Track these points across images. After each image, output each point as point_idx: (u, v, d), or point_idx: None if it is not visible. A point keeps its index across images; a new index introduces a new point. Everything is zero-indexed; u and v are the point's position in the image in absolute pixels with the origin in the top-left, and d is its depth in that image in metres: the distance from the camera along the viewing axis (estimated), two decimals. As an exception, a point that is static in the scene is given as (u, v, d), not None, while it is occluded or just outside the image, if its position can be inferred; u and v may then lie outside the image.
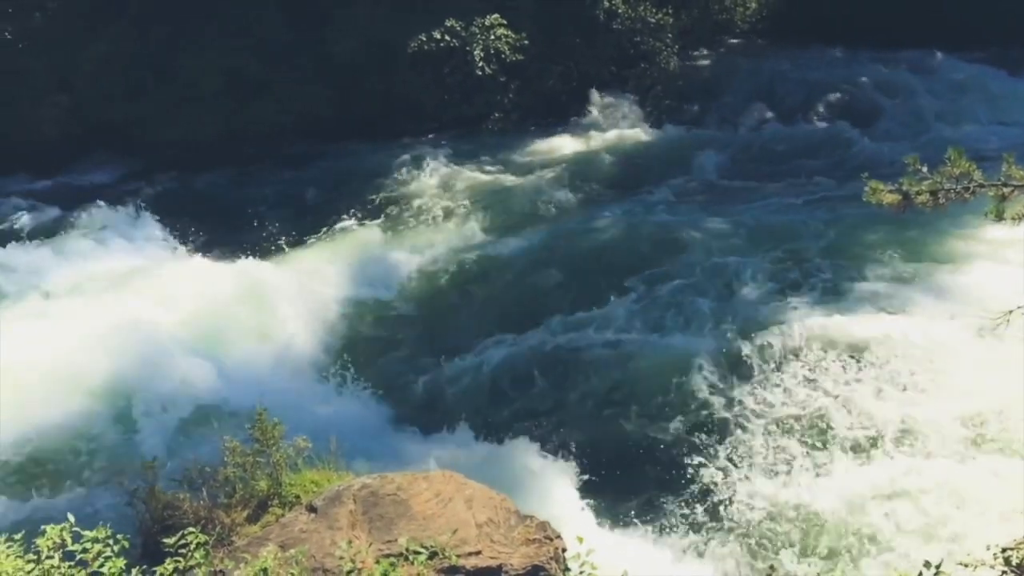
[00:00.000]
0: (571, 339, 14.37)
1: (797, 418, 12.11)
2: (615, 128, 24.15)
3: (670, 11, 26.30)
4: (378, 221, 19.50)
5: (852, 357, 13.10)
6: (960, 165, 6.00)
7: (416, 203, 20.11)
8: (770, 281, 15.49)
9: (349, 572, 5.39)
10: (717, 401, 12.58)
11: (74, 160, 22.73)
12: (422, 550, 5.63)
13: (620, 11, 25.58)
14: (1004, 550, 5.81)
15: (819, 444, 11.63)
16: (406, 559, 5.63)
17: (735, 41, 30.46)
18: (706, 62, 28.76)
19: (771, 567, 7.59)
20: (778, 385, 12.75)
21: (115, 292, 15.39)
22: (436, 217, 19.44)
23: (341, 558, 5.64)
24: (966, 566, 5.88)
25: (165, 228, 18.67)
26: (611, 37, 25.61)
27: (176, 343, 13.43)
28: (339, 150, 22.98)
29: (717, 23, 29.58)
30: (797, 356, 13.21)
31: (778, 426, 12.04)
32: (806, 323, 13.75)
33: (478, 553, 7.04)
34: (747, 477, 11.20)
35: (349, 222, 19.40)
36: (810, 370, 12.98)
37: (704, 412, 12.43)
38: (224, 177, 21.95)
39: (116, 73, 23.17)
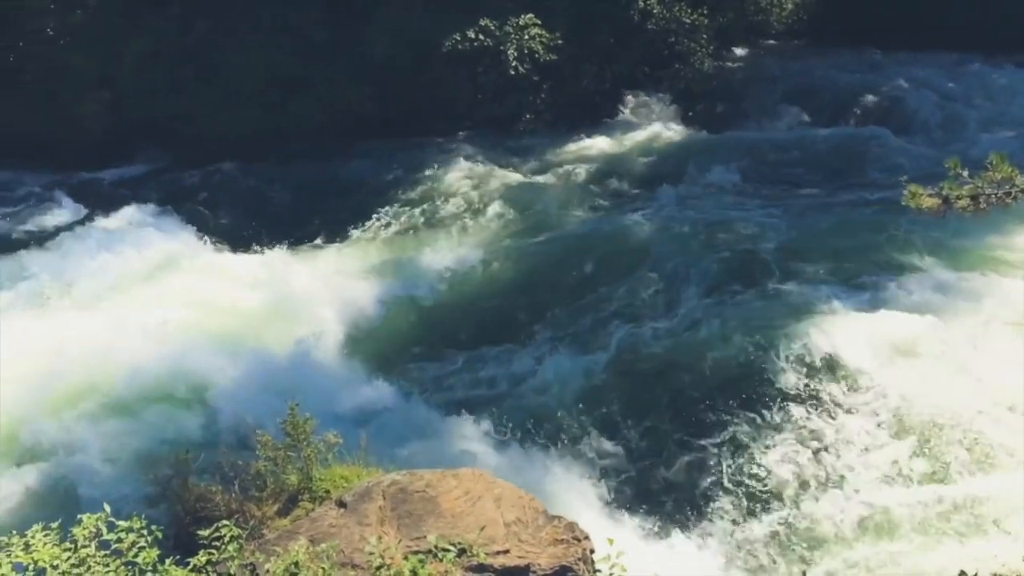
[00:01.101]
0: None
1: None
2: (647, 129, 23.99)
3: (705, 12, 26.07)
4: (407, 220, 19.59)
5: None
6: (1002, 170, 5.91)
7: (445, 203, 20.14)
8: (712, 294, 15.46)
9: (378, 568, 5.41)
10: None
11: (114, 155, 23.02)
12: (451, 547, 5.63)
13: (655, 12, 25.41)
14: (1041, 562, 5.71)
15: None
16: (435, 556, 5.63)
17: (771, 42, 30.18)
18: (740, 63, 28.52)
19: (803, 573, 7.52)
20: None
21: (145, 287, 15.61)
22: (465, 217, 19.46)
23: (371, 554, 5.66)
24: (1001, 577, 5.79)
25: (198, 224, 18.90)
26: (645, 38, 25.45)
27: (208, 337, 13.59)
28: (373, 148, 23.08)
29: (752, 24, 29.26)
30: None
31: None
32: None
33: (506, 552, 7.05)
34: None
35: (379, 220, 19.52)
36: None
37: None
38: (260, 174, 22.16)
39: (157, 69, 23.40)
